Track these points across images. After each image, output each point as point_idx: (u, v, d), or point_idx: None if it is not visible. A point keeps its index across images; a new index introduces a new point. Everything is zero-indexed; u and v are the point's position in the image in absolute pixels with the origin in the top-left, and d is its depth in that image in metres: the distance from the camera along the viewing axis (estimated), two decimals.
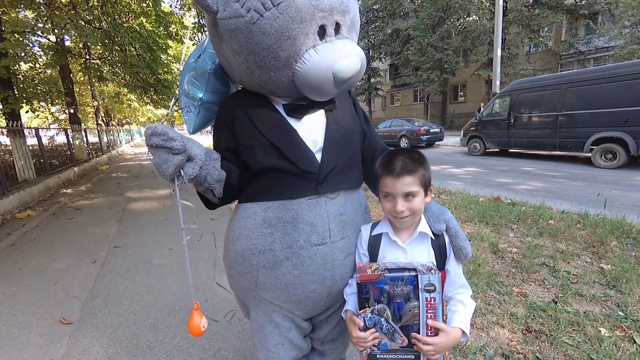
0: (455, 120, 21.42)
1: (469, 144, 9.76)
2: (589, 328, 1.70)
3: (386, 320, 0.77)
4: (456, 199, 4.32)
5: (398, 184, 0.80)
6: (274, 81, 0.84)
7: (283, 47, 0.77)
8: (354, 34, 0.88)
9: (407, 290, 0.75)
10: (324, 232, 0.89)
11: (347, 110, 1.02)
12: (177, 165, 0.78)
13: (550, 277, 2.26)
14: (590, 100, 6.72)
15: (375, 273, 0.76)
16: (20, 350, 1.83)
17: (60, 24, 6.35)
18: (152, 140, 0.76)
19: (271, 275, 0.91)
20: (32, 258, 3.17)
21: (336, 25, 0.80)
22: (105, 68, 10.06)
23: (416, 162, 0.82)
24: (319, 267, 0.89)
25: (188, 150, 0.80)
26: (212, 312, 2.07)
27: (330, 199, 0.91)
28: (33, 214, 4.90)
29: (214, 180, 0.89)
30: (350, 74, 0.80)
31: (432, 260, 0.86)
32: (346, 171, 0.95)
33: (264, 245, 0.89)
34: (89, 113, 18.75)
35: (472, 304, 0.86)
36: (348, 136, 0.97)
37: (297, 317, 0.99)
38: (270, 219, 0.89)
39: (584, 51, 16.66)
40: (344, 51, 0.79)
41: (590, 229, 2.97)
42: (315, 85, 0.81)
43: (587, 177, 5.82)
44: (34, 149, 6.88)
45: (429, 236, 0.87)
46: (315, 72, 0.78)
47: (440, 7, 17.60)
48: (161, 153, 0.78)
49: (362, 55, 0.83)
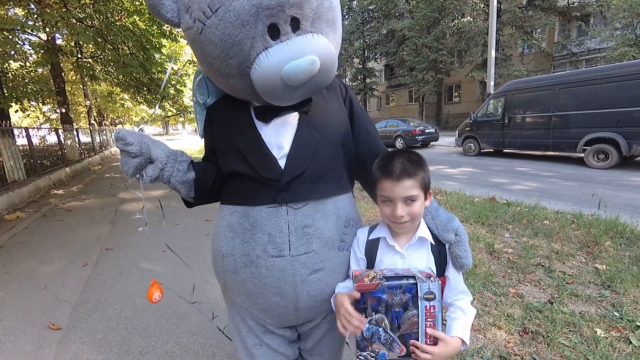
0: (450, 121, 21.55)
1: (464, 144, 9.82)
2: (585, 329, 1.70)
3: (384, 330, 0.74)
4: (452, 200, 4.33)
5: (397, 187, 0.77)
6: (237, 88, 0.80)
7: (231, 54, 0.72)
8: (323, 25, 0.75)
9: (405, 298, 0.72)
10: (282, 244, 0.83)
11: (332, 111, 0.93)
12: (136, 167, 0.83)
13: (546, 278, 2.26)
14: (583, 101, 6.80)
15: (373, 282, 0.72)
16: (7, 357, 1.77)
17: (51, 22, 6.22)
18: (116, 144, 0.82)
19: (235, 279, 0.89)
20: (20, 261, 3.09)
21: (293, 21, 0.70)
22: (97, 67, 9.91)
23: (416, 165, 0.78)
24: (277, 280, 0.84)
25: (146, 153, 0.83)
26: (206, 314, 2.04)
27: (294, 209, 0.84)
28: (22, 216, 4.80)
29: (177, 182, 0.90)
30: (302, 77, 0.70)
31: (431, 266, 0.83)
32: (317, 179, 0.86)
33: (227, 249, 0.89)
34: (81, 113, 18.51)
35: (472, 311, 0.84)
36: (324, 141, 0.87)
37: (269, 325, 0.96)
38: (233, 223, 0.89)
39: (576, 53, 16.88)
40: (295, 52, 0.69)
41: (585, 229, 2.99)
42: (270, 91, 0.74)
43: (580, 177, 5.88)
44: (24, 149, 6.75)
45: (428, 241, 0.84)
46: (264, 78, 0.72)
47: (435, 8, 17.70)
48: (123, 156, 0.83)
49: (323, 51, 0.72)
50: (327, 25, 0.76)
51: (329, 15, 0.76)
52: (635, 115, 6.04)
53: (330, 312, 0.96)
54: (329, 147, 0.89)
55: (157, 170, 0.86)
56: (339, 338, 1.03)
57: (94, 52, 9.70)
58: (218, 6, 0.67)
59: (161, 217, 1.13)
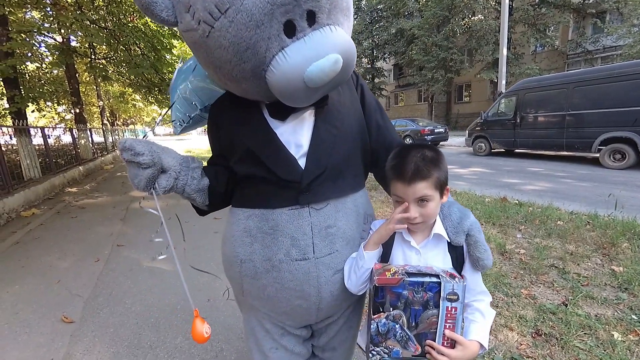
0: (460, 121, 21.27)
1: (474, 144, 9.67)
2: (601, 332, 1.65)
3: (401, 327, 0.71)
4: (462, 200, 4.27)
5: (409, 190, 0.73)
6: (250, 91, 0.75)
7: (244, 58, 0.66)
8: (339, 16, 0.69)
9: (427, 297, 0.69)
10: (306, 247, 0.80)
11: (346, 103, 0.88)
12: (148, 179, 0.76)
13: (560, 279, 2.20)
14: (598, 99, 6.61)
15: (395, 277, 0.70)
16: (21, 349, 1.81)
17: (66, 24, 6.39)
18: (123, 155, 0.75)
19: (254, 285, 0.86)
20: (36, 256, 3.17)
21: (309, 15, 0.64)
22: (110, 68, 10.13)
23: (430, 164, 0.74)
24: (302, 283, 0.81)
25: (158, 162, 0.76)
26: (215, 312, 2.05)
27: (316, 210, 0.81)
28: (38, 213, 4.93)
29: (192, 191, 0.84)
30: (326, 78, 0.65)
31: (448, 264, 0.80)
32: (336, 177, 0.83)
33: (245, 255, 0.85)
34: (94, 113, 18.93)
35: (492, 313, 0.80)
36: (342, 136, 0.84)
37: (288, 326, 0.94)
38: (250, 228, 0.84)
39: (591, 50, 16.45)
40: (315, 51, 0.64)
41: (601, 230, 2.90)
42: (290, 95, 0.69)
43: (596, 177, 5.72)
44: (39, 148, 6.93)
45: (445, 240, 0.80)
46: (285, 81, 0.66)
47: (445, 6, 17.48)
48: (132, 167, 0.75)
49: (344, 46, 0.67)
50: (342, 14, 0.71)
51: (343, 4, 0.70)
52: None
53: (347, 308, 0.95)
54: (347, 141, 0.85)
55: (172, 180, 0.79)
56: (353, 332, 1.02)
57: (107, 53, 9.92)
58: (227, 6, 0.60)
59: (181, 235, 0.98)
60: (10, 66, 5.79)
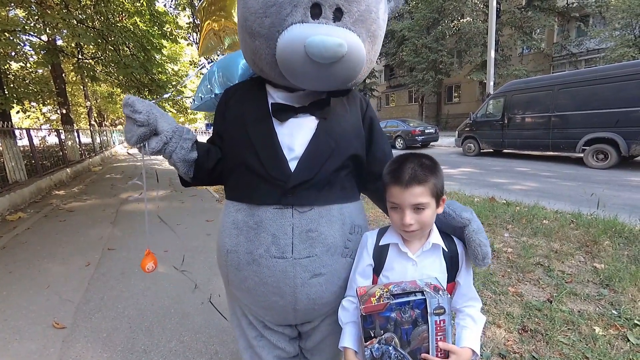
0: (450, 121, 21.58)
1: (463, 145, 9.84)
2: (584, 327, 1.72)
3: (394, 348, 0.72)
4: (451, 199, 4.35)
5: (406, 194, 0.74)
6: (261, 52, 0.79)
7: (268, 13, 0.73)
8: (363, 31, 0.76)
9: (415, 315, 0.70)
10: (285, 246, 0.83)
11: (349, 122, 0.92)
12: (140, 136, 0.79)
13: (545, 277, 2.28)
14: (582, 101, 6.83)
15: (380, 303, 0.70)
16: (12, 356, 1.79)
17: (52, 23, 6.25)
18: (123, 110, 0.79)
19: (237, 275, 0.91)
20: (23, 261, 3.11)
21: (337, 11, 0.72)
22: (98, 68, 9.93)
23: (427, 170, 0.75)
24: (278, 281, 0.85)
25: (153, 124, 0.80)
26: (209, 314, 2.06)
27: (300, 213, 0.84)
28: (24, 216, 4.82)
29: (178, 159, 0.88)
30: (326, 53, 0.69)
31: (443, 272, 0.81)
32: (322, 187, 0.86)
33: (231, 246, 0.90)
34: (81, 113, 18.53)
35: (482, 319, 0.82)
36: (338, 150, 0.87)
37: (268, 322, 0.98)
38: (238, 220, 0.89)
39: (575, 53, 16.92)
40: (327, 31, 0.70)
41: (584, 229, 3.01)
42: (290, 61, 0.74)
43: (580, 177, 5.90)
44: (25, 150, 6.76)
45: (440, 247, 0.82)
46: (289, 43, 0.71)
47: (434, 8, 17.73)
48: (128, 123, 0.80)
49: (353, 44, 0.72)
50: (366, 33, 0.78)
51: (372, 27, 0.78)
52: (635, 115, 6.07)
53: (330, 315, 0.96)
54: (342, 157, 0.88)
55: (161, 144, 0.83)
56: (339, 338, 1.04)
57: (95, 53, 9.73)
58: None
59: (157, 183, 1.10)
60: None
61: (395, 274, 0.82)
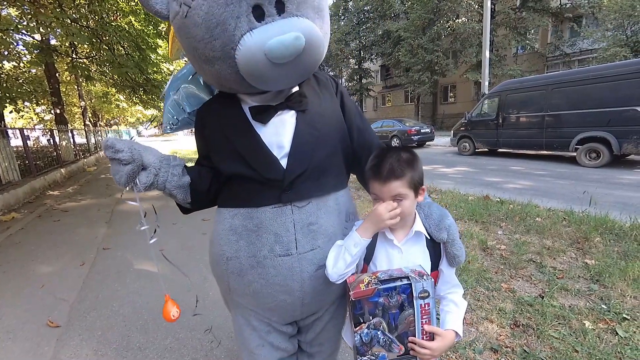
0: (446, 121, 21.69)
1: (459, 144, 9.91)
2: (574, 321, 1.76)
3: (382, 333, 0.75)
4: (446, 198, 4.39)
5: (385, 188, 0.79)
6: (223, 74, 0.78)
7: (215, 35, 0.71)
8: (309, 10, 0.74)
9: (401, 299, 0.74)
10: (289, 243, 0.84)
11: (327, 107, 0.93)
12: (129, 175, 0.79)
13: (537, 273, 2.32)
14: (575, 100, 6.90)
15: (369, 288, 0.73)
16: (7, 354, 1.78)
17: (46, 22, 6.19)
18: (105, 152, 0.79)
19: (240, 282, 0.90)
20: (17, 261, 3.09)
21: (278, 3, 0.70)
22: (92, 67, 9.87)
23: (404, 164, 0.80)
24: (285, 278, 0.85)
25: (138, 159, 0.79)
26: (204, 311, 2.06)
27: (299, 208, 0.85)
28: (18, 217, 4.78)
29: (173, 187, 0.87)
30: (286, 52, 0.69)
31: (427, 260, 0.85)
32: (318, 176, 0.87)
33: (231, 252, 0.89)
34: (75, 113, 18.36)
35: (464, 304, 0.87)
36: (323, 137, 0.88)
37: (274, 322, 0.98)
38: (236, 226, 0.88)
39: (569, 53, 17.09)
40: (279, 30, 0.68)
41: (576, 226, 3.06)
42: (255, 71, 0.73)
43: (573, 175, 5.97)
44: (18, 150, 6.70)
45: (424, 235, 0.86)
46: (249, 55, 0.70)
47: (430, 9, 17.81)
48: (113, 164, 0.79)
49: (308, 30, 0.71)
50: (313, 11, 0.75)
51: (315, 2, 0.75)
52: (626, 114, 6.15)
53: (332, 304, 0.99)
54: (328, 143, 0.89)
55: (151, 177, 0.83)
56: (339, 327, 1.06)
57: (89, 52, 9.66)
58: None
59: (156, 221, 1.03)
60: None
61: (383, 262, 0.86)
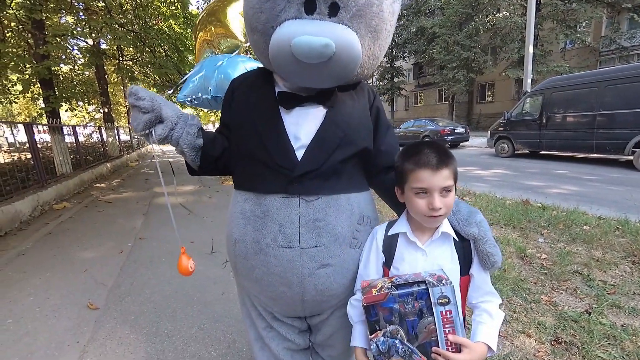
0: (482, 121, 20.62)
1: (496, 145, 9.35)
2: (628, 343, 1.56)
3: (401, 342, 0.69)
4: (481, 201, 4.14)
5: (436, 177, 0.72)
6: (259, 47, 0.80)
7: (263, 8, 0.72)
8: (362, 27, 0.72)
9: (419, 306, 0.67)
10: (292, 235, 0.82)
11: (358, 113, 0.90)
12: (145, 124, 0.80)
13: (584, 286, 2.10)
14: (632, 99, 6.22)
15: (381, 293, 0.68)
16: (51, 331, 1.94)
17: (97, 28, 6.73)
18: (128, 99, 0.81)
19: (245, 265, 0.90)
20: (65, 246, 3.37)
21: (332, 6, 0.69)
22: (136, 69, 10.57)
23: (448, 154, 0.75)
24: (285, 270, 0.84)
25: (157, 110, 0.80)
26: (229, 304, 2.11)
27: (307, 202, 0.83)
28: (68, 206, 5.22)
29: (185, 145, 0.87)
30: (310, 54, 0.67)
31: (455, 263, 0.78)
32: (329, 177, 0.85)
33: (239, 235, 0.89)
34: (121, 112, 19.78)
35: (500, 315, 0.78)
36: (345, 140, 0.85)
37: (276, 313, 0.97)
38: (246, 210, 0.89)
39: (627, 47, 15.49)
40: (316, 29, 0.66)
41: (631, 237, 2.74)
42: (278, 59, 0.73)
43: (628, 181, 5.39)
44: (71, 146, 7.34)
45: (451, 237, 0.79)
46: (279, 41, 0.70)
47: (468, 3, 17.00)
48: (134, 112, 0.81)
49: (344, 41, 0.68)
50: (366, 28, 0.73)
51: (372, 21, 0.73)
52: None
53: (339, 308, 0.94)
54: (349, 147, 0.86)
55: (167, 130, 0.83)
56: (350, 331, 1.02)
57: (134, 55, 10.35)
58: None
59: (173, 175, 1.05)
60: (46, 68, 6.17)
61: (406, 265, 0.79)
